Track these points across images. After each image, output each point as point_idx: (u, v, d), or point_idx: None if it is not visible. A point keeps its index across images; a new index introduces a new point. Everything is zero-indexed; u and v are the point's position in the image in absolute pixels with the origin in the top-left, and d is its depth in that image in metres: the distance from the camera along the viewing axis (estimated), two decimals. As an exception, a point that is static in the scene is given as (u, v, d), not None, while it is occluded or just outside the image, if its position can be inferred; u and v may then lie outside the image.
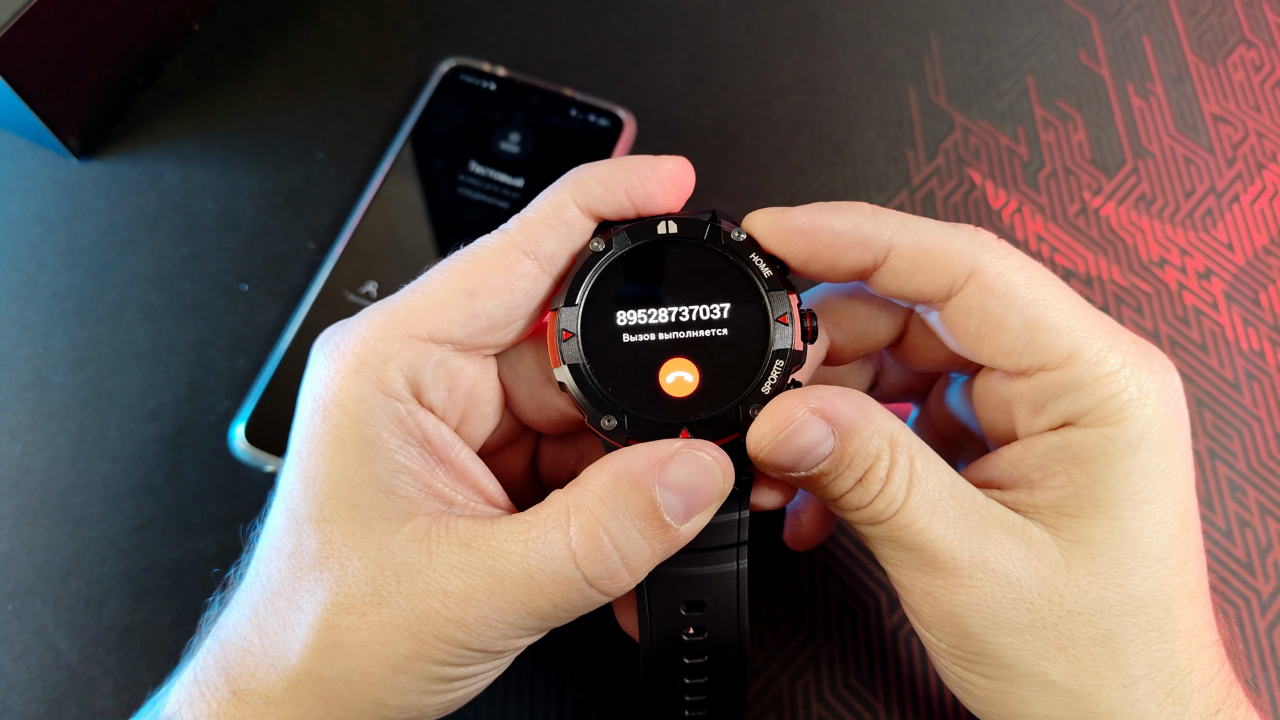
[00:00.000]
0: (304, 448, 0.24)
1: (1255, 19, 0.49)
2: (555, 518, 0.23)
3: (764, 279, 0.25)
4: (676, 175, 0.26)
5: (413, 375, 0.24)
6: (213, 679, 0.23)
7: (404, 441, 0.24)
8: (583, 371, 0.25)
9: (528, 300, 0.25)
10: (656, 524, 0.23)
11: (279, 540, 0.24)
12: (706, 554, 0.25)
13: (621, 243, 0.25)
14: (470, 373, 0.26)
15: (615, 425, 0.24)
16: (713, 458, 0.24)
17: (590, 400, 0.25)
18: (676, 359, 0.25)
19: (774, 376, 0.25)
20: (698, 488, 0.23)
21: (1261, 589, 0.36)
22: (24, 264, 0.41)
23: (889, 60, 0.48)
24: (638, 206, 0.26)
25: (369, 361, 0.24)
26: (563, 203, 0.25)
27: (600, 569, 0.23)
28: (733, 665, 0.26)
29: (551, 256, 0.25)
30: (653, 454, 0.23)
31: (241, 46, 0.47)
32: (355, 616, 0.23)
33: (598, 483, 0.23)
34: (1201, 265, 0.43)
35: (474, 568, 0.23)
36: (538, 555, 0.23)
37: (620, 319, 0.25)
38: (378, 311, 0.25)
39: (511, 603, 0.23)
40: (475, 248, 0.25)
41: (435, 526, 0.23)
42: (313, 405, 0.24)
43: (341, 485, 0.23)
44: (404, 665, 0.23)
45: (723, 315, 0.25)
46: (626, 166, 0.26)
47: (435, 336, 0.24)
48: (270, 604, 0.23)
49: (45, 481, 0.37)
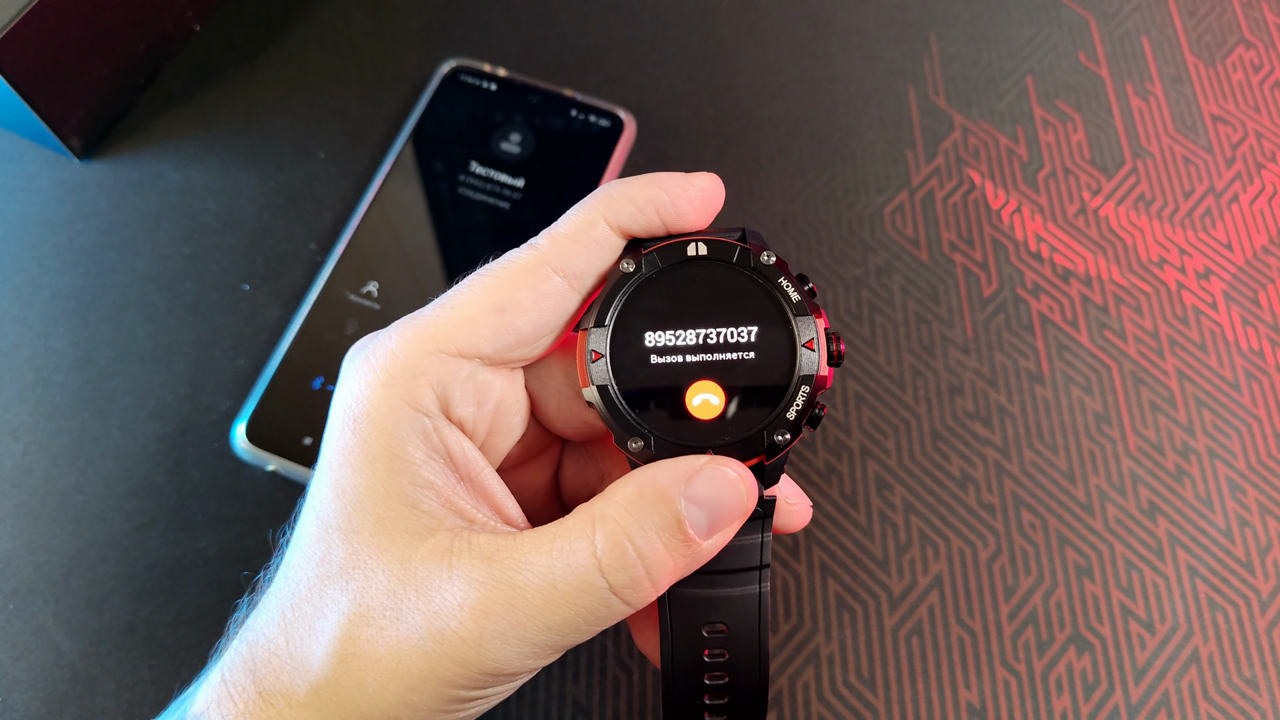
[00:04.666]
0: (334, 459, 0.24)
1: (1254, 19, 0.49)
2: (580, 528, 0.23)
3: (791, 303, 0.25)
4: (708, 193, 0.26)
5: (442, 390, 0.24)
6: (240, 679, 0.24)
7: (429, 457, 0.24)
8: (611, 393, 0.25)
9: (556, 317, 0.25)
10: (680, 537, 0.23)
11: (309, 548, 0.24)
12: (729, 576, 0.26)
13: (651, 264, 0.26)
14: (498, 386, 0.26)
15: (641, 446, 0.25)
16: (738, 474, 0.24)
17: (618, 421, 0.25)
18: (703, 381, 0.25)
19: (799, 402, 0.25)
20: (722, 504, 0.24)
21: (1261, 589, 0.36)
22: (26, 264, 0.41)
23: (889, 60, 0.48)
24: (668, 225, 0.26)
25: (399, 376, 0.24)
26: (593, 220, 0.26)
27: (624, 576, 0.23)
28: (752, 686, 0.26)
29: (580, 274, 0.25)
30: (679, 468, 0.24)
31: (242, 47, 0.47)
32: (374, 630, 0.23)
33: (624, 494, 0.24)
34: (1201, 265, 0.43)
35: (495, 581, 0.23)
36: (562, 564, 0.23)
37: (649, 340, 0.25)
38: (408, 325, 0.25)
39: (532, 616, 0.23)
40: (505, 262, 0.25)
41: (457, 542, 0.23)
42: (343, 417, 0.24)
43: (368, 498, 0.24)
44: (417, 684, 0.23)
45: (750, 339, 0.25)
46: (658, 184, 0.26)
47: (464, 352, 0.25)
48: (297, 609, 0.24)
49: (47, 481, 0.37)
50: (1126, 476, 0.38)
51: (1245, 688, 0.35)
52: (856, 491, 0.38)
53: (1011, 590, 0.36)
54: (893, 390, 0.40)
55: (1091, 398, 0.40)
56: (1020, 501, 0.38)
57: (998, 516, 0.38)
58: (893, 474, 0.38)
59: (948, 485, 0.38)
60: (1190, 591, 0.36)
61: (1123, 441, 0.39)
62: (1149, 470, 0.38)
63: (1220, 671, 0.35)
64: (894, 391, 0.40)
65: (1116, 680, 0.35)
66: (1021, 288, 0.42)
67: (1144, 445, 0.39)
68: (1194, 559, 0.37)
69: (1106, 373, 0.40)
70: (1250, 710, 0.34)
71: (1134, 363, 0.41)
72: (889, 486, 0.38)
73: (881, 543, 0.37)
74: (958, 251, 0.43)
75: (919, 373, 0.40)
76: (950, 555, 0.37)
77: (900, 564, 0.37)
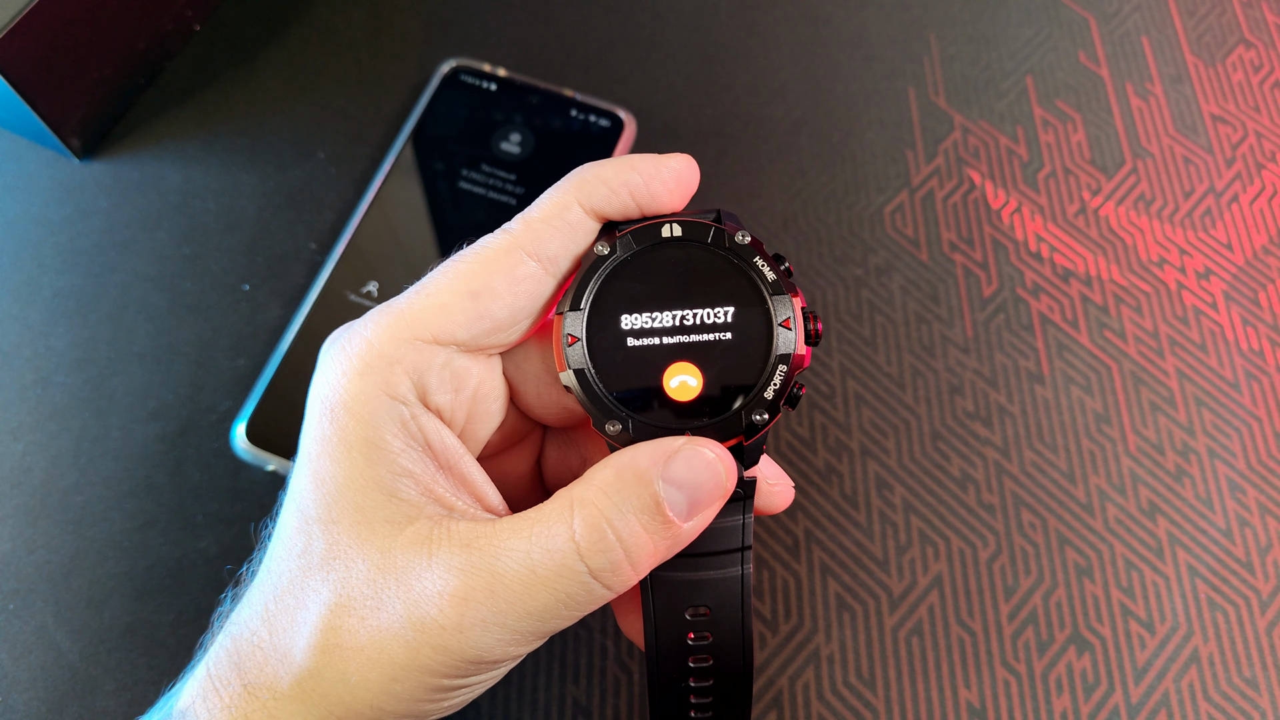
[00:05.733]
0: (312, 449, 0.24)
1: (1254, 19, 0.49)
2: (559, 512, 0.23)
3: (768, 282, 0.25)
4: (681, 174, 0.26)
5: (418, 378, 0.24)
6: (225, 673, 0.24)
7: (406, 445, 0.24)
8: (588, 376, 0.25)
9: (531, 302, 0.25)
10: (660, 519, 0.23)
11: (290, 539, 0.24)
12: (711, 558, 0.25)
13: (626, 246, 0.26)
14: (476, 372, 0.26)
15: (619, 429, 0.25)
16: (716, 455, 0.24)
17: (595, 405, 0.25)
18: (680, 363, 0.25)
19: (777, 381, 0.25)
20: (701, 484, 0.23)
21: (1261, 588, 0.36)
22: (26, 264, 0.41)
23: (889, 60, 0.48)
24: (642, 207, 0.26)
25: (375, 365, 0.24)
26: (566, 204, 0.25)
27: (604, 560, 0.23)
28: (737, 668, 0.26)
29: (555, 258, 0.25)
30: (656, 450, 0.23)
31: (242, 47, 0.47)
32: (356, 620, 0.23)
33: (601, 478, 0.23)
34: (1201, 265, 0.43)
35: (474, 568, 0.23)
36: (541, 549, 0.23)
37: (625, 323, 0.25)
38: (383, 314, 0.25)
39: (512, 602, 0.23)
40: (478, 248, 0.25)
41: (436, 530, 0.23)
42: (320, 407, 0.24)
43: (347, 487, 0.23)
44: (399, 674, 0.23)
45: (726, 319, 0.25)
46: (631, 166, 0.26)
47: (440, 339, 0.24)
48: (280, 601, 0.24)
49: (47, 481, 0.37)
50: (1126, 476, 0.38)
51: (1245, 688, 0.35)
52: (856, 491, 0.38)
53: (1011, 590, 0.36)
54: (893, 390, 0.40)
55: (1091, 398, 0.40)
56: (1020, 501, 0.38)
57: (998, 516, 0.38)
58: (893, 474, 0.38)
59: (948, 485, 0.38)
60: (1190, 591, 0.36)
61: (1123, 441, 0.39)
62: (1149, 470, 0.38)
63: (1220, 671, 0.35)
64: (894, 391, 0.40)
65: (1116, 680, 0.35)
66: (1021, 288, 0.42)
67: (1144, 445, 0.39)
68: (1194, 559, 0.37)
69: (1106, 373, 0.40)
70: (1250, 710, 0.34)
71: (1134, 363, 0.41)
72: (889, 486, 0.38)
73: (881, 543, 0.37)
74: (958, 251, 0.43)
75: (919, 373, 0.40)
76: (950, 555, 0.37)
77: (900, 564, 0.37)
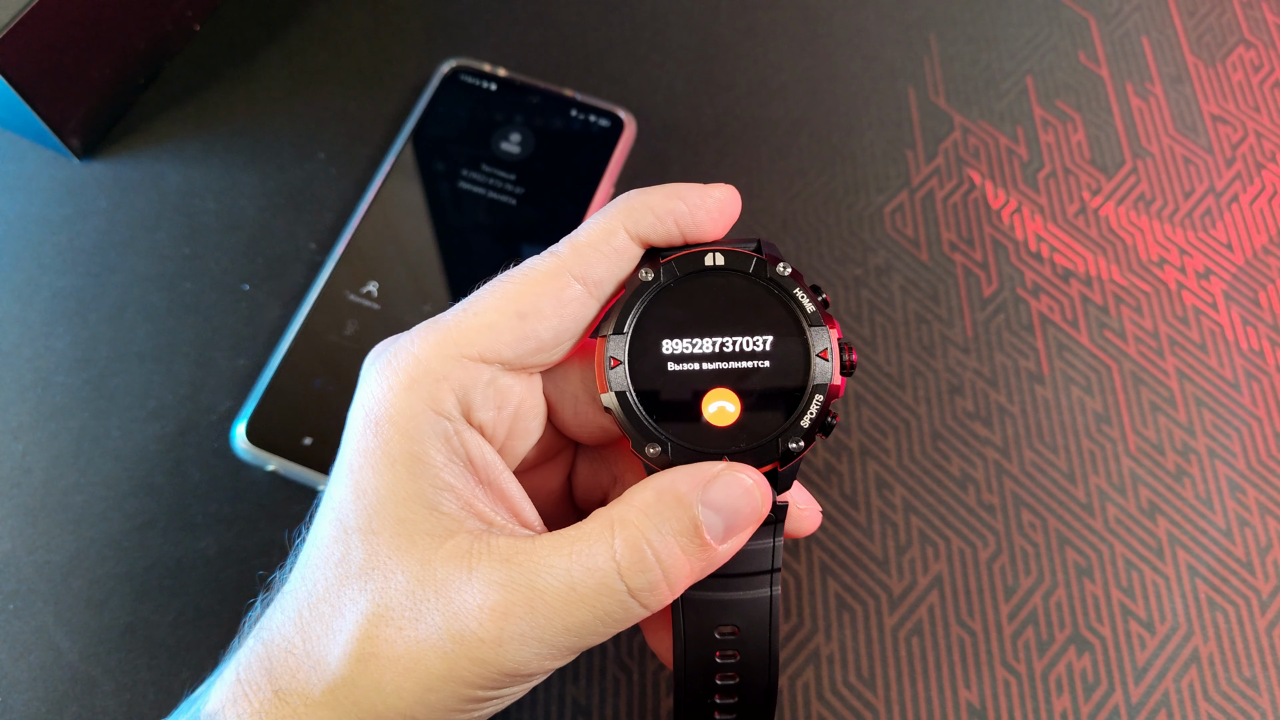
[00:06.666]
0: (355, 460, 0.24)
1: (1254, 19, 0.49)
2: (599, 532, 0.24)
3: (807, 314, 0.26)
4: (725, 204, 0.27)
5: (463, 395, 0.25)
6: (256, 678, 0.24)
7: (449, 460, 0.24)
8: (629, 399, 0.25)
9: (575, 324, 0.26)
10: (697, 541, 0.24)
11: (327, 548, 0.24)
12: (741, 579, 0.26)
13: (669, 273, 0.26)
14: (517, 390, 0.26)
15: (659, 452, 0.25)
16: (753, 481, 0.24)
17: (635, 427, 0.25)
18: (719, 389, 0.26)
19: (813, 410, 0.25)
20: (738, 510, 0.24)
21: (1261, 588, 0.36)
22: (25, 264, 0.41)
23: (888, 60, 0.48)
24: (686, 235, 0.27)
25: (421, 380, 0.24)
26: (613, 229, 0.26)
27: (643, 580, 0.23)
28: (762, 686, 0.27)
29: (600, 281, 0.26)
30: (696, 475, 0.24)
31: (242, 47, 0.47)
32: (393, 630, 0.23)
33: (642, 499, 0.24)
34: (1201, 265, 0.43)
35: (514, 583, 0.23)
36: (581, 567, 0.23)
37: (666, 348, 0.26)
38: (431, 330, 0.25)
39: (550, 618, 0.23)
40: (526, 269, 0.26)
41: (476, 544, 0.24)
42: (364, 419, 0.25)
43: (389, 499, 0.24)
44: (435, 684, 0.23)
45: (765, 348, 0.26)
46: (678, 195, 0.26)
47: (486, 357, 0.25)
48: (315, 609, 0.24)
49: (47, 481, 0.37)
50: (1126, 476, 0.38)
51: (1245, 688, 0.35)
52: (856, 491, 0.38)
53: (1011, 590, 0.36)
54: (893, 390, 0.40)
55: (1091, 398, 0.40)
56: (1020, 501, 0.38)
57: (998, 516, 0.38)
58: (893, 474, 0.38)
59: (948, 485, 0.38)
60: (1190, 591, 0.36)
61: (1123, 441, 0.39)
62: (1149, 470, 0.38)
63: (1220, 671, 0.35)
64: (894, 391, 0.40)
65: (1116, 680, 0.35)
66: (1021, 288, 0.42)
67: (1144, 445, 0.39)
68: (1194, 559, 0.37)
69: (1106, 373, 0.40)
70: (1250, 710, 0.34)
71: (1134, 363, 0.41)
72: (889, 486, 0.38)
73: (881, 543, 0.37)
74: (958, 251, 0.43)
75: (919, 373, 0.40)
76: (950, 555, 0.37)
77: (900, 564, 0.37)
